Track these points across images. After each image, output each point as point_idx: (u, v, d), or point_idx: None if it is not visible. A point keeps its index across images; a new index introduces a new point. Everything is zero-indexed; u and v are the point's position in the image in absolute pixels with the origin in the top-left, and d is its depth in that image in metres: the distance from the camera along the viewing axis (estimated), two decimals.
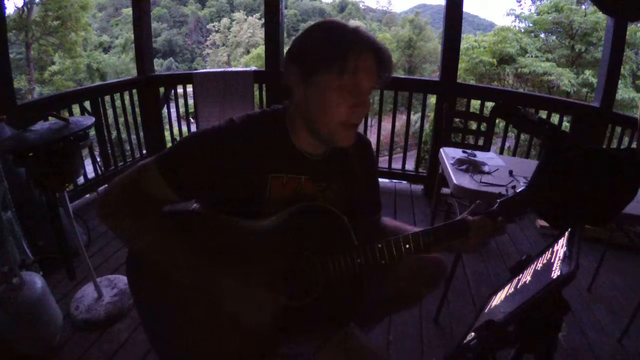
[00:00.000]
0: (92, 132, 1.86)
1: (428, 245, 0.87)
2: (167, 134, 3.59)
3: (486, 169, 1.63)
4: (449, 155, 1.79)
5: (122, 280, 1.80)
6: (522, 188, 0.87)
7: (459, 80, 3.28)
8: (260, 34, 27.30)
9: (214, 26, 31.71)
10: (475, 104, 3.17)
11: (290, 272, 0.86)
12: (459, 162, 1.67)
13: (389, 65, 0.82)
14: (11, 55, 2.39)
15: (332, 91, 0.78)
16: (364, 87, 0.79)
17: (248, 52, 27.53)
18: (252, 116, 0.87)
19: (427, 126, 6.55)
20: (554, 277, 0.57)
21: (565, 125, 3.18)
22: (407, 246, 0.86)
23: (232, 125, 0.84)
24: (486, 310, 0.79)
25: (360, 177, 0.98)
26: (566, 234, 0.67)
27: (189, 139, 0.86)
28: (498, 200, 0.89)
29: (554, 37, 13.34)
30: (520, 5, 15.98)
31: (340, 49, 0.76)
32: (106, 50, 25.18)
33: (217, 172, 0.82)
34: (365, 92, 0.80)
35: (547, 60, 12.08)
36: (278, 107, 0.90)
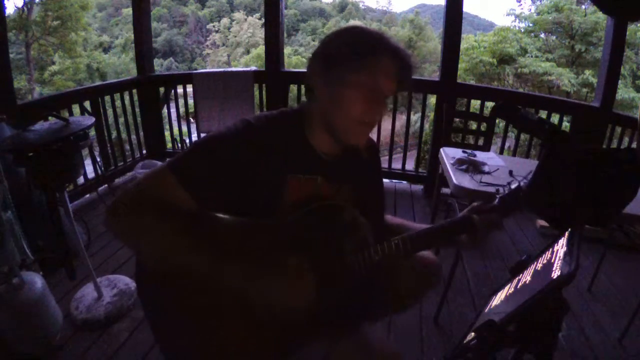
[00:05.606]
0: (92, 132, 1.86)
1: (437, 240, 0.95)
2: (167, 134, 3.60)
3: (486, 168, 1.64)
4: (449, 155, 1.79)
5: (122, 280, 1.80)
6: (517, 184, 0.90)
7: (459, 80, 3.28)
8: (260, 34, 27.23)
9: (214, 26, 31.64)
10: (475, 104, 3.17)
11: (317, 270, 0.84)
12: (459, 162, 1.67)
13: (410, 71, 0.83)
14: (11, 55, 2.40)
15: (349, 87, 0.79)
16: (381, 88, 0.80)
17: (248, 52, 27.48)
18: (269, 116, 0.86)
19: (427, 126, 6.54)
20: (554, 277, 0.57)
21: (565, 125, 3.18)
22: (420, 241, 0.90)
23: (249, 127, 0.82)
24: (486, 310, 0.79)
25: (370, 179, 1.00)
26: (566, 234, 0.67)
27: (205, 142, 0.82)
28: (497, 196, 0.91)
29: (554, 37, 13.32)
30: (520, 5, 15.97)
31: (362, 48, 0.79)
32: (106, 50, 25.17)
33: (237, 175, 0.80)
34: (382, 92, 0.81)
35: (547, 60, 12.05)
36: (295, 108, 0.91)
